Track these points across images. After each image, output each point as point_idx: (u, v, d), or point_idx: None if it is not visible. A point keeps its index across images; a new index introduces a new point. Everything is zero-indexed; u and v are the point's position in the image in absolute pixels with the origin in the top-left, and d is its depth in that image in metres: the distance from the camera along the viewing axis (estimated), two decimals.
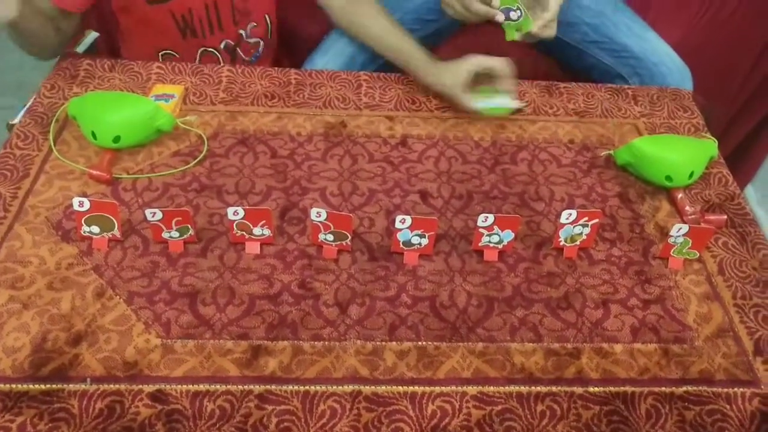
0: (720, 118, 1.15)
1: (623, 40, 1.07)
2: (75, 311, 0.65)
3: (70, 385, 0.59)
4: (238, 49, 1.05)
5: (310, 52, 1.14)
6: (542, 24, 0.90)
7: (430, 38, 1.12)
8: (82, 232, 0.71)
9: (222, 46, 1.03)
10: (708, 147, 0.85)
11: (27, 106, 0.88)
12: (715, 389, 0.64)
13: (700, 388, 0.64)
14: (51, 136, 0.82)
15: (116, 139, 0.79)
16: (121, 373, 0.61)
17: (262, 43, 1.07)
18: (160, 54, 1.01)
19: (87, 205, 0.69)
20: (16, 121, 0.88)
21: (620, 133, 0.93)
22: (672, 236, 0.72)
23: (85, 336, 0.63)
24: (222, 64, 1.00)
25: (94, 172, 0.78)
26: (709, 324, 0.69)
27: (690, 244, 0.73)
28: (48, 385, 0.59)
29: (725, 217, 0.80)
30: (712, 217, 0.79)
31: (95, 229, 0.70)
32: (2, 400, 0.58)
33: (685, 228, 0.71)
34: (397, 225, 0.70)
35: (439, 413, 0.60)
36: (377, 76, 0.98)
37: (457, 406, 0.61)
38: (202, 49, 1.01)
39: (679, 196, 0.82)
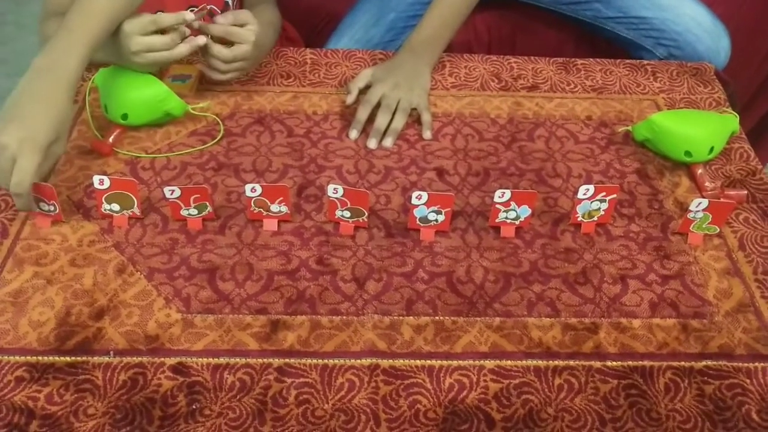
0: (741, 93, 1.13)
1: (639, 13, 1.05)
2: (97, 287, 0.66)
3: (95, 358, 0.61)
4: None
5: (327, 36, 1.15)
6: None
7: None
8: (102, 210, 0.72)
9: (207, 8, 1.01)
10: (729, 122, 0.84)
11: None
12: (735, 364, 0.63)
13: (720, 362, 0.63)
14: (87, 98, 0.85)
15: (124, 116, 0.81)
16: (143, 346, 0.62)
17: None
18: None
19: (107, 183, 0.70)
20: None
21: (639, 109, 0.91)
22: (691, 211, 0.71)
23: (108, 310, 0.64)
24: None
25: (96, 143, 0.80)
26: (730, 299, 0.69)
27: (710, 219, 0.72)
28: (73, 358, 0.61)
29: (746, 192, 0.79)
30: (732, 192, 0.78)
31: (115, 207, 0.71)
32: (30, 372, 0.59)
33: (704, 203, 0.70)
34: (414, 201, 0.70)
35: (456, 386, 0.60)
36: (393, 54, 0.97)
37: (475, 380, 0.61)
38: (191, 8, 1.00)
39: (699, 171, 0.81)
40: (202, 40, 0.81)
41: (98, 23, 0.72)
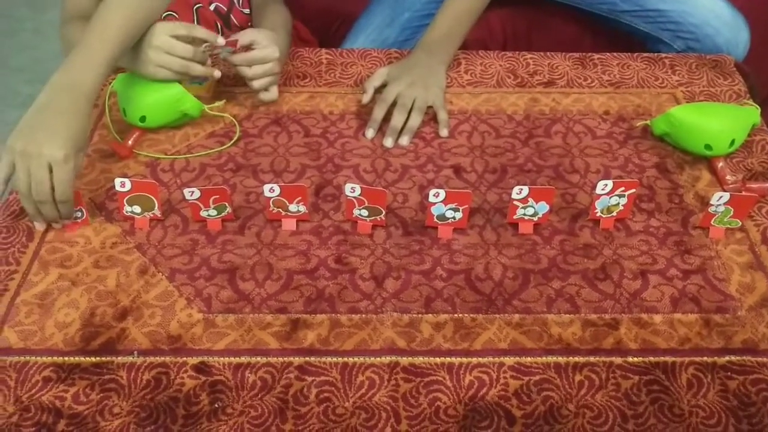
0: (762, 85, 1.11)
1: (656, 6, 1.04)
2: (120, 288, 0.67)
3: (119, 358, 0.62)
4: (231, 15, 1.04)
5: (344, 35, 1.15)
6: None
7: None
8: (124, 212, 0.73)
9: (212, 7, 1.01)
10: (750, 114, 0.83)
11: None
12: (759, 359, 0.62)
13: (744, 357, 0.63)
14: (106, 102, 0.86)
15: (142, 118, 0.82)
16: (166, 346, 0.63)
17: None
18: (162, 15, 1.00)
19: (128, 185, 0.71)
20: None
21: (657, 103, 0.91)
22: (713, 205, 0.70)
23: (131, 311, 0.65)
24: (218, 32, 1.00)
25: (116, 146, 0.82)
26: (753, 293, 0.68)
27: (731, 213, 0.72)
28: (98, 358, 0.62)
29: None
30: (754, 185, 0.77)
31: (137, 209, 0.72)
32: (56, 372, 0.61)
33: (726, 196, 0.70)
34: (431, 199, 0.70)
35: (476, 383, 0.60)
36: (408, 53, 0.98)
37: (495, 377, 0.61)
38: (198, 5, 1.00)
39: (720, 164, 0.80)
40: (218, 74, 0.83)
41: (115, 40, 0.73)
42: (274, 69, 0.86)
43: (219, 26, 1.03)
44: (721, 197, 0.70)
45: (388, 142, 0.84)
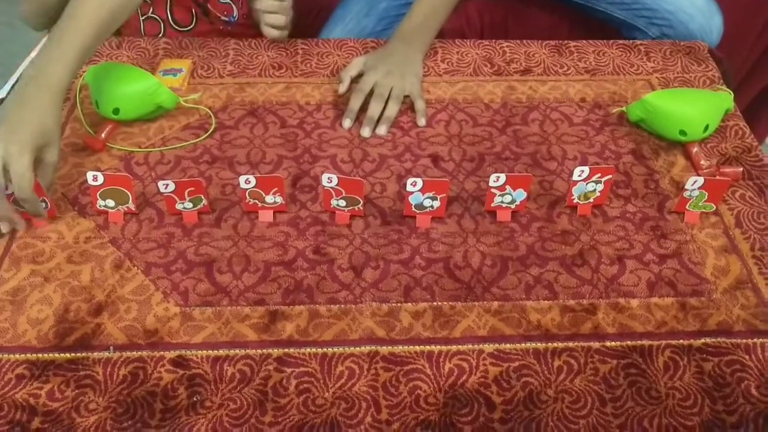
0: (736, 71, 1.12)
1: None
2: (95, 283, 0.66)
3: (94, 354, 0.61)
4: (208, 5, 1.03)
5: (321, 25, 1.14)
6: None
7: None
8: (97, 206, 0.72)
9: None
10: (723, 99, 0.84)
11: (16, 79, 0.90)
12: (733, 340, 0.63)
13: (719, 339, 0.63)
14: (78, 98, 0.85)
15: (115, 111, 0.81)
16: (143, 340, 0.62)
17: (233, 5, 1.05)
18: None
19: (101, 179, 0.70)
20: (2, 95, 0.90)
21: (633, 90, 0.91)
22: (687, 189, 0.71)
23: (106, 306, 0.64)
24: (194, 23, 1.01)
25: (89, 139, 0.80)
26: (727, 276, 0.69)
27: (706, 197, 0.72)
28: (73, 354, 0.61)
29: (741, 169, 0.79)
30: (728, 170, 0.78)
31: (110, 202, 0.71)
32: (30, 369, 0.60)
33: (700, 180, 0.70)
34: (409, 188, 0.70)
35: (456, 371, 0.61)
36: (384, 42, 0.97)
37: (474, 364, 0.61)
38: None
39: (694, 150, 0.81)
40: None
41: (85, 32, 0.72)
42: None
43: (195, 13, 1.02)
44: (695, 182, 0.70)
45: (366, 131, 0.83)
